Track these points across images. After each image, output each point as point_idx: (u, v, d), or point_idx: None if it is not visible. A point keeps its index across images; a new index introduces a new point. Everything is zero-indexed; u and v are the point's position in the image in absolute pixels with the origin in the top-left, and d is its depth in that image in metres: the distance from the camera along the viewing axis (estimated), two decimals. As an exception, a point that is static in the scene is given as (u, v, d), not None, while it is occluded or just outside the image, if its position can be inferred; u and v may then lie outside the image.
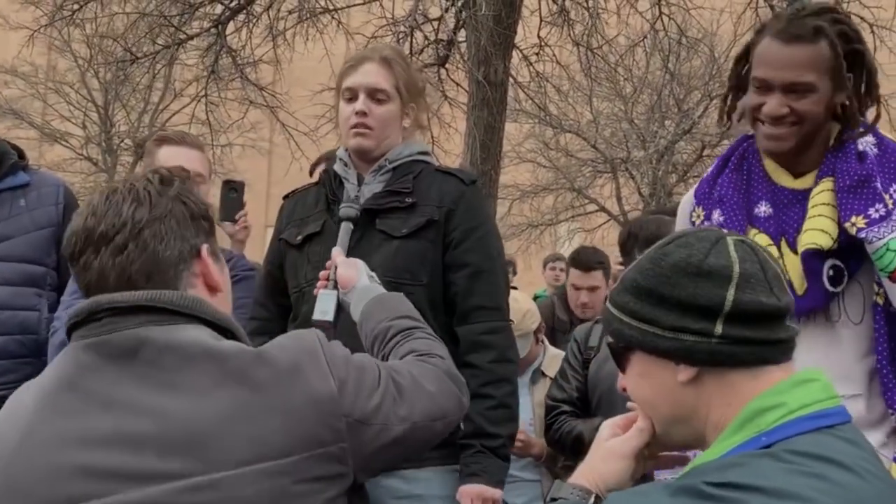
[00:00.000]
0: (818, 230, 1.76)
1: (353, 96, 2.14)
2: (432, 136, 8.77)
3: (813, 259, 1.75)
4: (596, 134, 13.84)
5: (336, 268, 1.87)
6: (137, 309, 1.23)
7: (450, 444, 2.14)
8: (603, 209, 15.39)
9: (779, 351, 1.19)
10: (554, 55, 8.23)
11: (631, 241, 2.79)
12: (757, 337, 1.17)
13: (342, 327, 1.85)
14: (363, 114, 2.11)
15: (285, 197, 2.35)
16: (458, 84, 7.95)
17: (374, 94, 2.13)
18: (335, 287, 1.85)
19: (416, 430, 1.33)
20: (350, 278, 1.81)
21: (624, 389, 1.30)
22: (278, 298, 2.22)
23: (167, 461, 1.16)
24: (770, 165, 1.87)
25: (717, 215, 1.88)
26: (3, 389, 2.68)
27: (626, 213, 14.80)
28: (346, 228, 2.03)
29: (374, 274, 1.85)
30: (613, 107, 13.74)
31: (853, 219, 1.72)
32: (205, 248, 1.31)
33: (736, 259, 1.17)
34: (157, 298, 1.24)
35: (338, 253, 1.92)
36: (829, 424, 1.14)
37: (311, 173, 3.12)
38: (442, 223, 2.07)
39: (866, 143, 1.78)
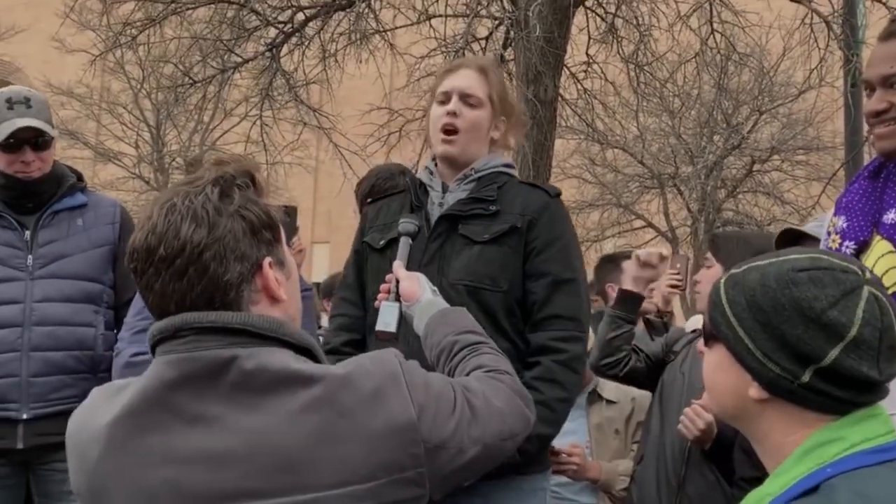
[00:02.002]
0: None
1: (445, 99, 2.18)
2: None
3: None
4: (643, 149, 13.71)
5: (398, 281, 1.88)
6: (223, 330, 1.24)
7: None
8: (650, 225, 15.23)
9: (856, 409, 1.19)
10: (602, 72, 8.20)
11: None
12: (840, 397, 1.17)
13: (403, 339, 1.88)
14: (453, 114, 2.14)
15: (370, 203, 2.37)
16: (506, 102, 7.94)
17: (467, 98, 2.16)
18: (397, 299, 1.87)
19: (487, 449, 1.34)
20: (413, 292, 1.83)
21: (701, 353, 1.31)
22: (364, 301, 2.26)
23: (253, 481, 1.18)
24: None
25: (841, 222, 1.85)
26: (62, 404, 2.75)
27: (673, 230, 14.63)
28: (405, 242, 2.02)
29: (435, 288, 1.88)
30: (661, 122, 13.62)
31: None
32: (266, 261, 1.29)
33: (859, 320, 1.15)
34: (243, 321, 1.25)
35: (399, 266, 1.92)
36: (891, 458, 1.15)
37: (358, 194, 3.07)
38: (524, 232, 2.08)
39: None
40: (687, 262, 3.53)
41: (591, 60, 7.98)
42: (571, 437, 3.04)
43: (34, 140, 2.79)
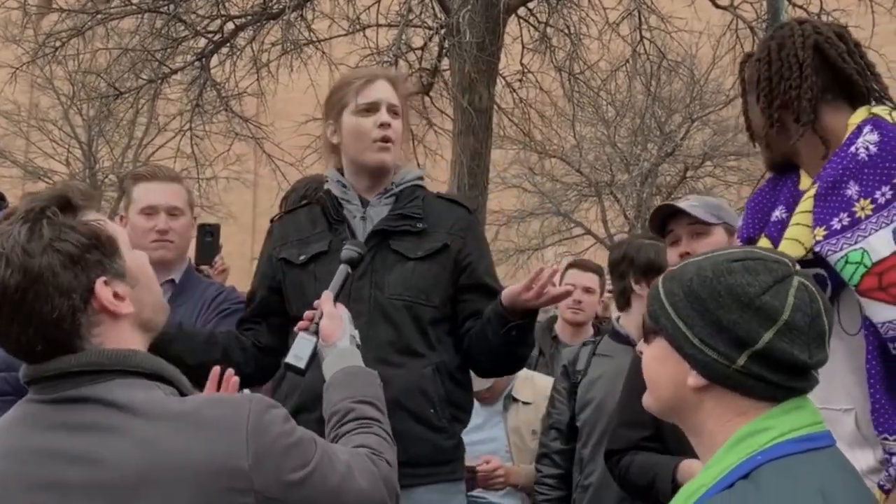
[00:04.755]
0: (791, 240, 1.72)
1: (373, 109, 2.17)
2: (418, 164, 8.80)
3: None
4: (580, 158, 13.92)
5: (322, 314, 1.83)
6: (65, 374, 1.27)
7: (452, 461, 2.15)
8: (589, 232, 15.45)
9: (789, 394, 1.22)
10: (537, 81, 8.30)
11: (625, 265, 2.75)
12: (774, 380, 1.20)
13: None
14: (388, 126, 2.16)
15: (273, 220, 2.35)
16: (442, 112, 8.00)
17: (393, 109, 2.20)
18: (316, 333, 1.80)
19: None
20: (332, 333, 1.78)
21: (640, 352, 1.35)
22: (271, 319, 2.23)
23: None
24: (803, 171, 1.85)
25: (740, 221, 1.91)
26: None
27: (612, 236, 14.86)
28: (342, 271, 1.95)
29: (356, 333, 1.83)
30: (596, 131, 13.84)
31: (816, 230, 1.68)
32: (98, 282, 1.27)
33: (790, 305, 1.19)
34: (83, 363, 1.27)
35: (327, 298, 1.86)
36: (817, 447, 1.19)
37: (281, 204, 3.00)
38: (454, 249, 2.16)
39: (865, 142, 1.69)
40: None
41: (525, 69, 8.07)
42: (492, 444, 3.06)
43: None
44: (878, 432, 1.63)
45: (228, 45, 7.54)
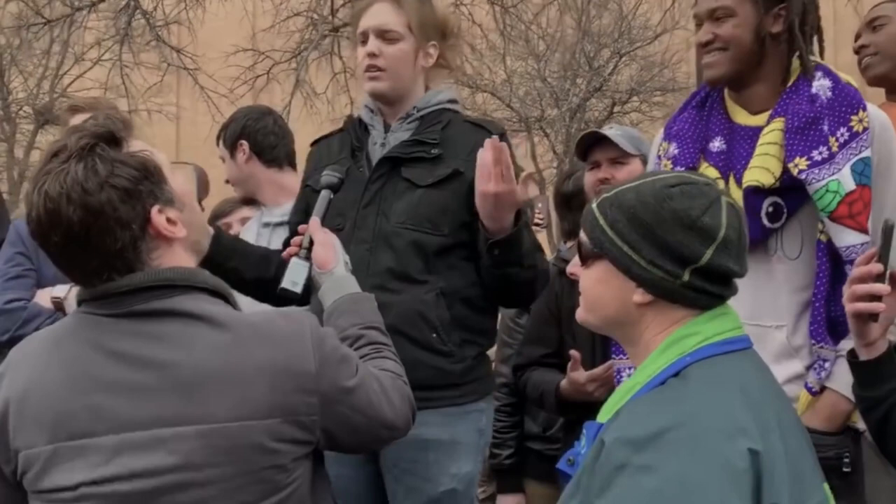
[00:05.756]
0: (762, 168, 1.85)
1: (364, 39, 2.16)
2: (350, 99, 8.72)
3: (754, 196, 1.85)
4: (510, 93, 13.97)
5: (310, 238, 1.86)
6: (138, 290, 1.36)
7: (461, 384, 2.11)
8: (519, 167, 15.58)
9: (721, 302, 1.40)
10: (470, 14, 8.28)
11: (583, 197, 2.72)
12: (712, 291, 1.36)
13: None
14: (373, 55, 2.13)
15: (312, 144, 2.35)
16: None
17: (384, 35, 2.14)
18: (307, 257, 1.85)
19: (370, 426, 1.49)
20: (328, 260, 1.83)
21: (573, 274, 1.43)
22: None
23: (161, 409, 1.32)
24: (730, 103, 1.98)
25: (672, 148, 2.02)
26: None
27: (541, 171, 15.07)
28: (325, 196, 1.99)
29: (347, 259, 1.87)
30: (527, 66, 13.88)
31: (796, 160, 1.82)
32: (154, 210, 1.36)
33: (725, 224, 1.34)
34: (156, 278, 1.37)
35: (315, 224, 1.89)
36: (737, 348, 1.36)
37: (224, 137, 2.91)
38: (469, 176, 2.03)
39: (821, 86, 1.86)
40: (548, 203, 3.67)
41: (458, 2, 8.03)
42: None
43: None
44: (816, 341, 1.85)
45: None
